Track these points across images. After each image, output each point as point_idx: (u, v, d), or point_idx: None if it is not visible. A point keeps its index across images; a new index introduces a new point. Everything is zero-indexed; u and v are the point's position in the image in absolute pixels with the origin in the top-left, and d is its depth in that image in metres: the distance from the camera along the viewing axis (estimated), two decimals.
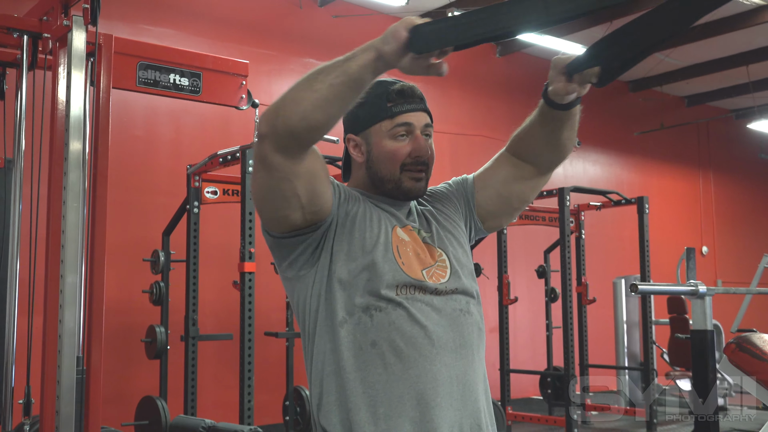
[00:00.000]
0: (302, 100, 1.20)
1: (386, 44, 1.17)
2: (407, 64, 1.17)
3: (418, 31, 1.16)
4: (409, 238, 1.43)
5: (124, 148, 5.22)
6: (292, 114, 1.20)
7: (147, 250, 4.73)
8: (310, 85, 1.20)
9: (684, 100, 10.36)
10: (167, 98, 3.65)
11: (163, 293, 4.50)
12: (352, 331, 1.32)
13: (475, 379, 1.37)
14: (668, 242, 9.15)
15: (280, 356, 5.35)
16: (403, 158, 1.42)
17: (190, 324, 4.32)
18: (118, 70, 2.88)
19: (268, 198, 1.30)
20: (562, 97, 1.35)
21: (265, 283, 4.98)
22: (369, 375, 1.30)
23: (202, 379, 4.70)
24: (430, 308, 1.35)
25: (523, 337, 7.79)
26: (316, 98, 1.19)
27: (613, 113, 9.24)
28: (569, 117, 1.41)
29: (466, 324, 1.39)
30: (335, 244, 1.36)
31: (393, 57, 1.16)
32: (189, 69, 3.23)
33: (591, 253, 7.11)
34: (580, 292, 6.14)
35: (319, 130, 1.23)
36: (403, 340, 1.31)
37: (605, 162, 9.34)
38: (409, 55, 1.16)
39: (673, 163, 10.26)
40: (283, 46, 6.40)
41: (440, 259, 1.43)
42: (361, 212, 1.40)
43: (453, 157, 7.22)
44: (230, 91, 3.38)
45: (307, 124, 1.21)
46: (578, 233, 6.36)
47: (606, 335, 7.64)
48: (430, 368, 1.31)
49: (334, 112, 1.22)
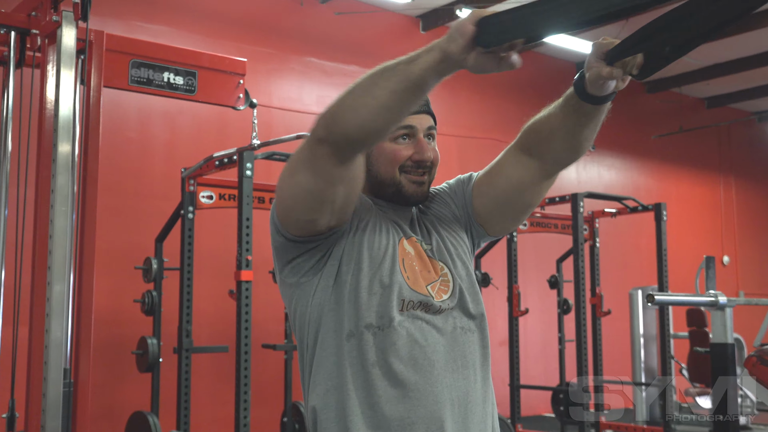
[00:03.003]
0: (361, 108, 1.19)
1: (452, 42, 1.12)
2: (475, 61, 1.12)
3: (486, 23, 1.10)
4: (414, 251, 1.43)
5: (115, 150, 5.23)
6: (350, 122, 1.20)
7: (139, 258, 4.73)
8: (369, 90, 1.18)
9: (704, 101, 10.35)
10: (161, 98, 3.67)
11: (156, 303, 4.50)
12: (357, 347, 1.32)
13: (477, 400, 1.38)
14: (687, 251, 9.12)
15: (278, 370, 5.34)
16: (402, 160, 1.42)
17: (183, 335, 4.31)
18: (110, 68, 2.89)
19: (304, 200, 1.30)
20: (598, 87, 1.27)
21: (263, 292, 4.98)
22: (370, 395, 1.31)
23: (195, 393, 4.69)
24: (431, 327, 1.36)
25: (534, 350, 7.77)
26: (376, 105, 1.18)
27: (630, 115, 9.23)
28: (597, 113, 1.33)
29: (467, 342, 1.39)
30: (345, 253, 1.37)
31: (460, 55, 1.12)
32: (184, 67, 3.24)
33: (606, 263, 7.09)
34: (594, 303, 6.12)
35: (377, 137, 1.25)
36: (402, 362, 1.32)
37: (621, 166, 9.33)
38: (476, 51, 1.11)
39: (692, 167, 10.23)
40: (283, 43, 6.42)
41: (443, 273, 1.44)
42: (372, 222, 1.41)
43: (461, 161, 7.22)
44: (227, 91, 3.39)
45: (366, 133, 1.21)
46: (592, 241, 6.34)
47: (622, 349, 7.60)
48: (431, 390, 1.32)
49: (393, 119, 1.22)
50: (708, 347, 5.83)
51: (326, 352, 1.34)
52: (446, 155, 7.16)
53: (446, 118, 1.65)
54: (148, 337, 4.39)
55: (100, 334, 4.62)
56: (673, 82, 9.27)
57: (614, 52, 1.20)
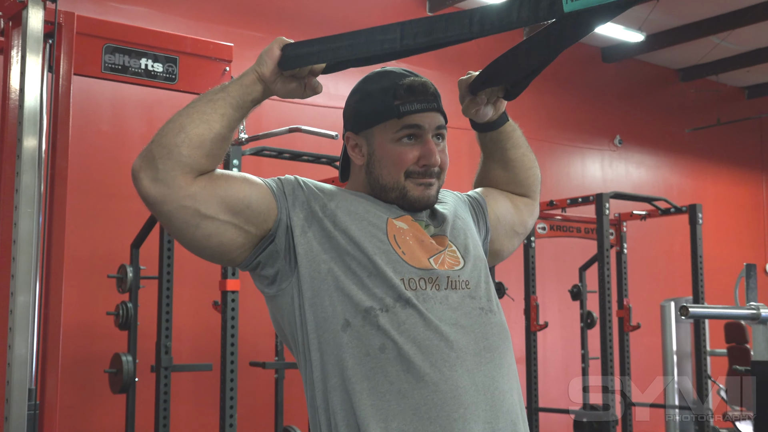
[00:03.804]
0: (178, 122, 1.35)
1: (262, 65, 1.36)
2: (282, 85, 1.36)
3: (290, 49, 1.37)
4: (407, 226, 1.43)
5: (87, 146, 5.24)
6: (170, 135, 1.33)
7: (113, 265, 4.74)
8: (187, 112, 1.35)
9: (744, 91, 10.35)
10: (138, 87, 3.67)
11: (131, 316, 4.51)
12: (357, 336, 1.32)
13: (506, 387, 1.37)
14: (726, 258, 9.11)
15: (268, 390, 5.34)
16: (408, 164, 1.43)
17: (162, 352, 4.31)
18: (81, 53, 2.90)
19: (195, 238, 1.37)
20: (479, 116, 1.59)
21: (251, 304, 4.98)
22: (378, 384, 1.30)
23: (176, 416, 4.69)
24: (445, 306, 1.36)
25: (555, 369, 7.76)
26: (195, 118, 1.33)
27: (661, 107, 9.23)
28: (505, 135, 1.65)
29: (489, 324, 1.40)
30: (316, 243, 1.38)
31: (269, 77, 1.35)
32: (163, 53, 3.25)
33: (634, 271, 7.09)
34: (621, 316, 6.12)
35: (201, 145, 1.33)
36: (415, 344, 1.31)
37: (651, 164, 9.33)
38: (282, 76, 1.36)
39: (731, 164, 10.23)
40: (274, 26, 6.43)
41: (450, 249, 1.44)
42: (343, 206, 1.42)
43: (473, 158, 7.21)
44: (212, 79, 3.39)
45: (188, 139, 1.32)
46: (619, 247, 6.34)
47: (652, 368, 7.59)
48: (450, 375, 1.31)
49: (217, 129, 1.34)
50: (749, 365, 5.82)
51: (323, 350, 1.35)
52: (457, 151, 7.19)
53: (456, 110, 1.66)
54: (123, 354, 4.39)
55: (69, 350, 4.63)
56: (710, 69, 9.27)
57: (473, 86, 1.54)
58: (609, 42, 8.37)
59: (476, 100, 1.55)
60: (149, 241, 4.65)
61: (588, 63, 8.61)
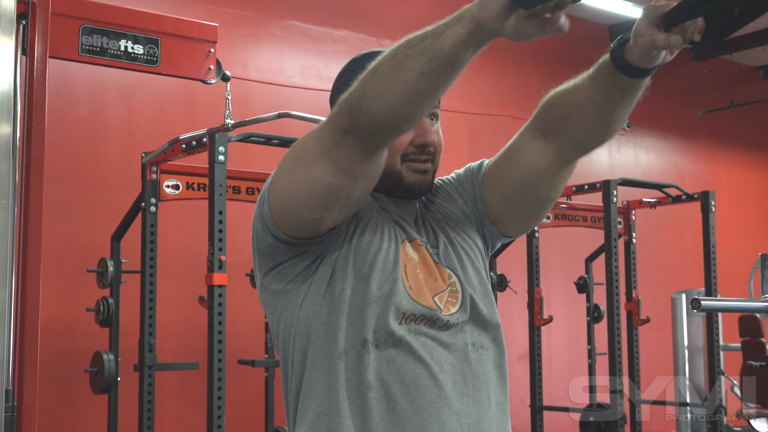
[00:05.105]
0: (388, 94, 1.20)
1: (484, 7, 1.12)
2: (515, 27, 1.12)
3: None
4: (418, 256, 1.44)
5: (63, 133, 5.23)
6: (378, 110, 1.21)
7: (93, 259, 4.73)
8: (395, 72, 1.19)
9: (759, 71, 10.35)
10: (117, 70, 3.66)
11: (113, 312, 4.51)
12: (350, 367, 1.34)
13: (491, 428, 1.40)
14: (739, 248, 9.14)
15: (257, 389, 5.35)
16: (404, 147, 1.43)
17: (145, 350, 4.32)
18: (57, 35, 2.89)
19: (318, 196, 1.31)
20: (647, 58, 1.24)
21: (239, 299, 4.99)
22: (366, 423, 1.32)
23: (160, 417, 4.70)
24: (437, 343, 1.37)
25: (560, 365, 7.79)
26: (405, 91, 1.19)
27: (672, 87, 9.23)
28: (635, 88, 1.31)
29: (480, 361, 1.41)
30: (339, 258, 1.38)
31: (496, 22, 1.12)
32: (144, 34, 3.24)
33: (643, 262, 7.10)
34: (630, 310, 6.13)
35: (409, 124, 1.27)
36: (403, 383, 1.33)
37: (661, 148, 9.34)
38: (515, 15, 1.11)
39: (745, 149, 10.24)
40: (261, 5, 6.40)
41: (451, 283, 1.45)
42: (372, 222, 1.42)
43: (473, 143, 7.23)
44: (195, 62, 3.39)
45: (397, 121, 1.24)
46: (628, 237, 6.35)
47: (663, 363, 7.62)
48: (436, 416, 1.33)
49: (427, 103, 1.23)
50: (764, 361, 5.84)
51: (316, 373, 1.36)
52: (455, 135, 7.15)
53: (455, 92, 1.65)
54: (104, 352, 4.39)
55: (47, 349, 4.62)
56: (723, 48, 9.26)
57: (671, 15, 1.17)
58: (617, 19, 8.36)
59: (669, 40, 1.18)
60: (130, 234, 4.65)
61: (595, 41, 8.59)
